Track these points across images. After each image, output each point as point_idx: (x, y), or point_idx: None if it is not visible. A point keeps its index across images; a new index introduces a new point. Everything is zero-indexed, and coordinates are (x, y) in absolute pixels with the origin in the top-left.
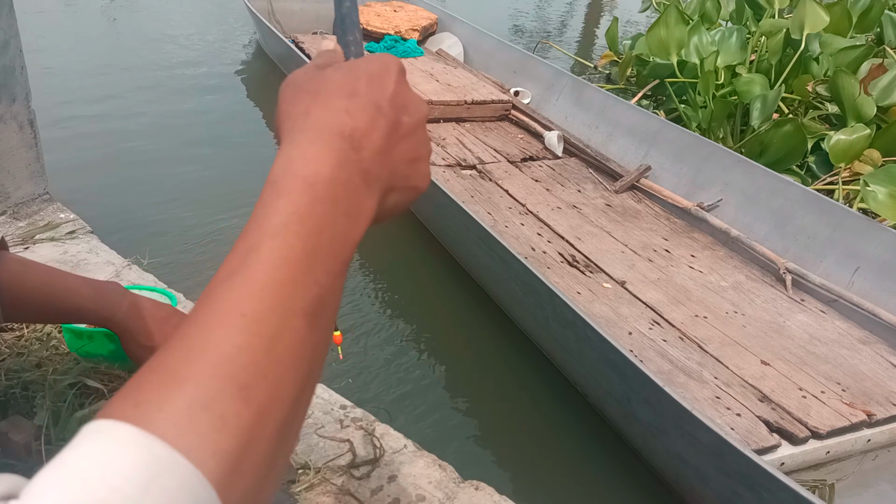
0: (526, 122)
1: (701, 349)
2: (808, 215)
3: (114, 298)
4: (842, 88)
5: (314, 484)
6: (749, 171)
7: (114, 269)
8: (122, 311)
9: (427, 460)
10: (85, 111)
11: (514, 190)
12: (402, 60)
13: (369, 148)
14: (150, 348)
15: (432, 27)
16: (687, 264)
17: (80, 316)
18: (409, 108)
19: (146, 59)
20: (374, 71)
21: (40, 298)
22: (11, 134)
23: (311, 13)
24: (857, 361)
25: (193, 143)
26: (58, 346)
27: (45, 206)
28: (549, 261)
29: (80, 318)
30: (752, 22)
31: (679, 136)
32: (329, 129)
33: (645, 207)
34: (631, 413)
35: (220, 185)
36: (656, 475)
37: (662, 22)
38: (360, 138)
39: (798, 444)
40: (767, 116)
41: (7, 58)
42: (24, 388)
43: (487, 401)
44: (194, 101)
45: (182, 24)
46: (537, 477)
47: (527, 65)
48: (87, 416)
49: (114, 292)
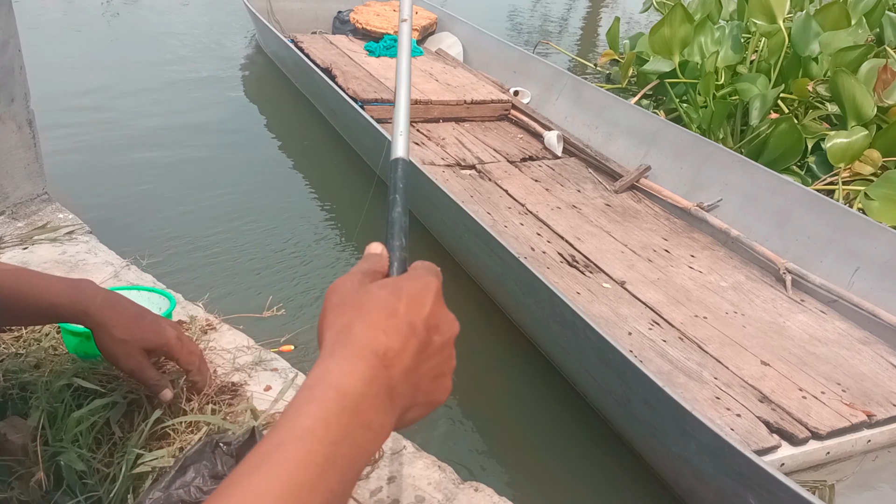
0: (525, 121)
1: (701, 349)
2: (808, 215)
3: (88, 293)
4: (842, 88)
5: None
6: (749, 171)
7: (112, 269)
8: (96, 305)
9: (426, 461)
10: (84, 111)
11: (513, 190)
12: (438, 273)
13: (399, 367)
14: (126, 342)
15: (432, 27)
16: (687, 264)
17: (55, 313)
18: (441, 328)
19: (146, 59)
20: (416, 292)
21: (11, 298)
22: (10, 134)
23: (311, 13)
24: (857, 362)
25: (193, 143)
26: (56, 347)
27: (43, 207)
28: (549, 261)
29: (55, 314)
30: (752, 21)
31: (679, 136)
32: (367, 346)
33: (645, 207)
34: (631, 413)
35: (219, 185)
36: (656, 476)
37: (667, 21)
38: (393, 357)
39: (798, 444)
40: (765, 115)
41: (6, 57)
42: (22, 388)
43: (486, 401)
44: (193, 101)
45: (182, 24)
46: (537, 478)
47: (526, 64)
48: (84, 417)
49: (88, 287)
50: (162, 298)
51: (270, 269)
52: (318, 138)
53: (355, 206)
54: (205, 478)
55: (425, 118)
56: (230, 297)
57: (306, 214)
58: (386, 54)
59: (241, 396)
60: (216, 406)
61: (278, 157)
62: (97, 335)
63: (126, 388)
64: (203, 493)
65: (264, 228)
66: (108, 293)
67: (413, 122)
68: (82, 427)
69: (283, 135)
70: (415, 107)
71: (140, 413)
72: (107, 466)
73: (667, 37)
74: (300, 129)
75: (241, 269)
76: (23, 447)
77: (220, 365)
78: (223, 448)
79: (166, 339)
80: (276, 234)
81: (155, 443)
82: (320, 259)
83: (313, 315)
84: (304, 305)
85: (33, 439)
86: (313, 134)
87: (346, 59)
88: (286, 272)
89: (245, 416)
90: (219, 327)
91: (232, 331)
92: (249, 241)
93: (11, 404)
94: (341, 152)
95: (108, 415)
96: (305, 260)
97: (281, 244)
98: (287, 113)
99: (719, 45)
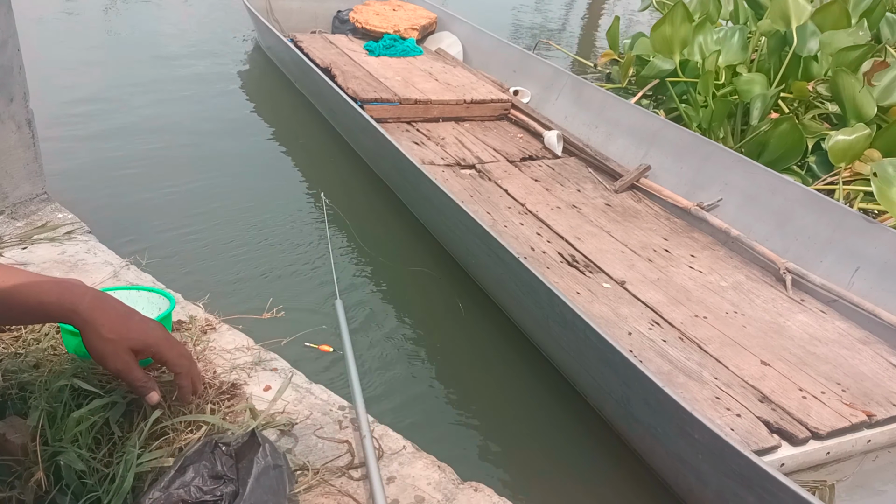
0: (525, 121)
1: (701, 349)
2: (809, 215)
3: (76, 291)
4: (842, 88)
5: (312, 485)
6: (749, 171)
7: (112, 269)
8: (85, 304)
9: (426, 461)
10: (83, 110)
11: (513, 189)
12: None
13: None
14: (113, 341)
15: (431, 26)
16: (687, 264)
17: (43, 311)
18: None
19: (145, 58)
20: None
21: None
22: (9, 134)
23: (310, 12)
24: (858, 362)
25: (192, 142)
26: (55, 347)
27: (42, 206)
28: (549, 261)
29: (43, 313)
30: (752, 21)
31: (679, 136)
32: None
33: (645, 207)
34: (630, 413)
35: (219, 184)
36: (655, 476)
37: (668, 20)
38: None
39: (798, 444)
40: (765, 115)
41: (5, 57)
42: (22, 388)
43: (486, 401)
44: (192, 100)
45: (181, 23)
46: (536, 478)
47: (526, 64)
48: (83, 417)
49: (76, 286)
50: (161, 298)
51: (270, 270)
52: (318, 138)
53: (355, 207)
54: (204, 478)
55: (425, 118)
56: (230, 298)
57: (306, 215)
58: (385, 54)
59: (241, 396)
60: (215, 406)
61: (279, 157)
62: (85, 334)
63: (125, 389)
64: (203, 492)
65: (264, 229)
66: (96, 293)
67: (413, 122)
68: (82, 427)
69: (282, 135)
70: (414, 106)
71: (139, 413)
72: (106, 466)
73: (668, 36)
74: (299, 129)
75: (241, 269)
76: (22, 447)
77: (219, 365)
78: (222, 448)
79: (154, 340)
80: (275, 235)
81: (154, 442)
82: (320, 260)
83: (315, 315)
84: (305, 306)
85: (33, 439)
86: (313, 134)
87: (346, 58)
88: (286, 273)
89: (244, 416)
90: (218, 327)
91: (231, 331)
92: (249, 241)
93: (11, 404)
94: (340, 152)
95: (107, 415)
96: (305, 261)
97: (280, 245)
98: (287, 113)
99: (720, 45)
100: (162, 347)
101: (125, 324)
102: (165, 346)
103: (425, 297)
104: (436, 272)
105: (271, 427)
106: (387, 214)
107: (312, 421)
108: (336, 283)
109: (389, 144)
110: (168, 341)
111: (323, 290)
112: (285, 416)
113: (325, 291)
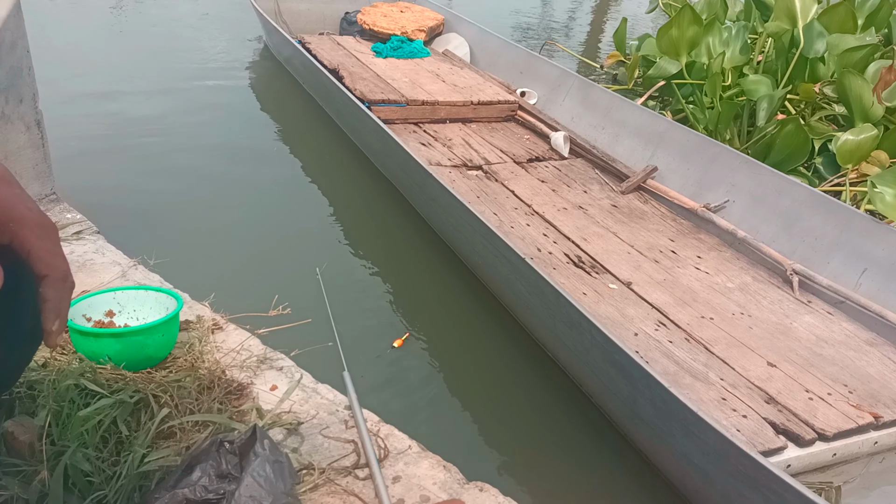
0: (532, 122)
1: (707, 350)
2: (816, 216)
3: None
4: (849, 89)
5: (318, 484)
6: (756, 172)
7: (120, 269)
8: None
9: (432, 461)
10: (91, 111)
11: (520, 190)
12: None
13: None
14: None
15: (439, 28)
16: (693, 265)
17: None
18: None
19: (154, 59)
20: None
21: None
22: (19, 134)
23: (318, 13)
24: (865, 363)
25: (200, 143)
26: (64, 346)
27: (51, 207)
28: (555, 261)
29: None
30: (758, 22)
31: (686, 137)
32: None
33: (651, 208)
34: (636, 414)
35: (225, 185)
36: (661, 476)
37: (675, 22)
38: None
39: (804, 446)
40: (772, 116)
41: (14, 59)
42: (30, 387)
43: (491, 401)
44: (201, 100)
45: (190, 23)
46: (541, 477)
47: (533, 65)
48: (90, 416)
49: None
50: (169, 298)
51: (276, 269)
52: (326, 139)
53: (362, 207)
54: (210, 477)
55: (432, 119)
56: (236, 297)
57: (313, 215)
58: (393, 55)
59: (247, 396)
60: (222, 405)
61: (285, 158)
62: None
63: (133, 388)
64: (208, 491)
65: (270, 228)
66: None
67: (420, 123)
68: (88, 426)
69: (290, 137)
70: (422, 108)
71: (147, 412)
72: (113, 465)
73: (675, 38)
74: (308, 131)
75: (248, 269)
76: (30, 446)
77: (227, 365)
78: (227, 446)
79: (20, 214)
80: (281, 234)
81: (161, 441)
82: (327, 259)
83: (315, 315)
84: (309, 306)
85: (40, 438)
86: (321, 135)
87: (354, 59)
88: (292, 271)
89: (251, 416)
90: (225, 327)
91: (238, 330)
92: (255, 240)
93: (19, 403)
94: (349, 153)
95: (114, 414)
96: (312, 260)
97: (287, 244)
98: (295, 114)
99: (726, 46)
100: (28, 229)
101: None
102: (34, 230)
103: (431, 296)
104: (441, 273)
105: (278, 426)
106: (393, 215)
107: (319, 420)
108: (343, 357)
109: (397, 145)
110: (42, 227)
111: (327, 290)
112: (292, 415)
113: (328, 291)
